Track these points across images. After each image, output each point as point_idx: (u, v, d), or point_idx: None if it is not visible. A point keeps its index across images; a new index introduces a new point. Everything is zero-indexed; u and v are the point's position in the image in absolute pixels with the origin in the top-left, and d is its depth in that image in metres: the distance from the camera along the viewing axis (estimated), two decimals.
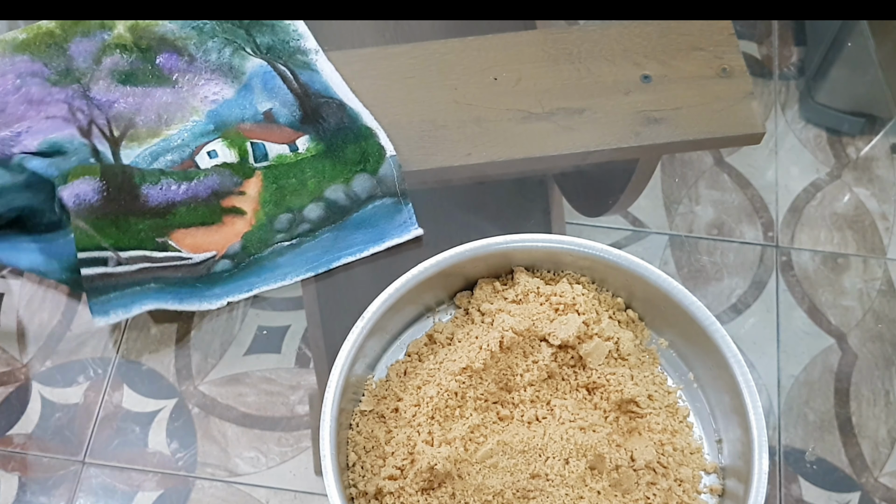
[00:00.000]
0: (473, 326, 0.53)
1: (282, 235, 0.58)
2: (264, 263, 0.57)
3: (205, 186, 0.58)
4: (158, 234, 0.56)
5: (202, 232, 0.57)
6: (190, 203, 0.57)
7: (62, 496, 0.56)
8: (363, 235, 0.58)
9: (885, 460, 0.59)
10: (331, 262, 0.58)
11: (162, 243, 0.56)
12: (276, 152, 0.59)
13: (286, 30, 0.64)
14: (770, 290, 0.65)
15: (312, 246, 0.58)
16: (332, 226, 0.58)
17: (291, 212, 0.58)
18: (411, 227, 0.58)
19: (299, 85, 0.61)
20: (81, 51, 0.62)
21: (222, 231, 0.57)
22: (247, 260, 0.57)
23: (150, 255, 0.56)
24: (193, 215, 0.57)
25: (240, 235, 0.57)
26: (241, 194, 0.58)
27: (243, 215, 0.58)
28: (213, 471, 0.56)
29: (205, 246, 0.57)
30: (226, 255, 0.57)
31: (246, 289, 0.57)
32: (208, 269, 0.56)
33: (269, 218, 0.58)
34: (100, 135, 0.60)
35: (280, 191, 0.59)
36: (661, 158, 0.71)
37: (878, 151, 0.73)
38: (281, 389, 0.59)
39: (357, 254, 0.58)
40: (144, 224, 0.56)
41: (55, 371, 0.59)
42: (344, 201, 0.58)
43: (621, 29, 0.65)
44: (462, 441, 0.48)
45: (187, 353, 0.60)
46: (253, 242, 0.57)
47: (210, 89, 0.62)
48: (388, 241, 0.58)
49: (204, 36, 0.63)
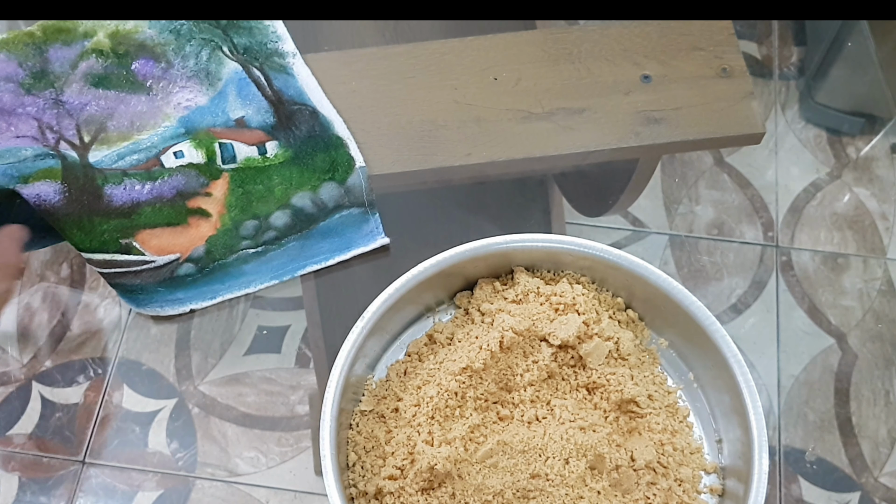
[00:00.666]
0: (473, 326, 0.53)
1: (247, 242, 0.57)
2: (229, 270, 0.57)
3: (169, 186, 0.57)
4: (123, 235, 0.56)
5: (167, 233, 0.57)
6: (155, 203, 0.57)
7: (62, 496, 0.56)
8: (329, 244, 0.58)
9: (885, 460, 0.59)
10: (296, 269, 0.58)
11: (126, 245, 0.56)
12: (245, 154, 0.59)
13: (264, 31, 0.64)
14: (770, 290, 0.65)
15: (278, 254, 0.58)
16: (299, 234, 0.58)
17: (258, 218, 0.58)
18: (378, 235, 0.58)
19: (273, 91, 0.61)
20: (59, 56, 0.62)
21: (187, 233, 0.57)
22: (211, 265, 0.57)
23: (113, 258, 0.55)
24: (159, 215, 0.57)
25: (204, 239, 0.57)
26: (208, 195, 0.58)
27: (208, 217, 0.58)
28: (213, 471, 0.56)
29: (169, 248, 0.56)
30: (189, 259, 0.56)
31: (210, 296, 0.57)
32: (171, 272, 0.56)
33: (235, 223, 0.58)
34: (68, 147, 0.59)
35: (246, 196, 0.58)
36: (661, 158, 0.71)
37: (878, 151, 0.73)
38: (281, 389, 0.59)
39: (322, 262, 0.58)
40: (109, 224, 0.56)
41: (55, 371, 0.59)
42: (311, 209, 0.58)
43: (621, 29, 0.65)
44: (462, 441, 0.48)
45: (187, 353, 0.60)
46: (217, 247, 0.57)
47: (184, 96, 0.62)
48: (354, 249, 0.58)
49: (182, 39, 0.63)
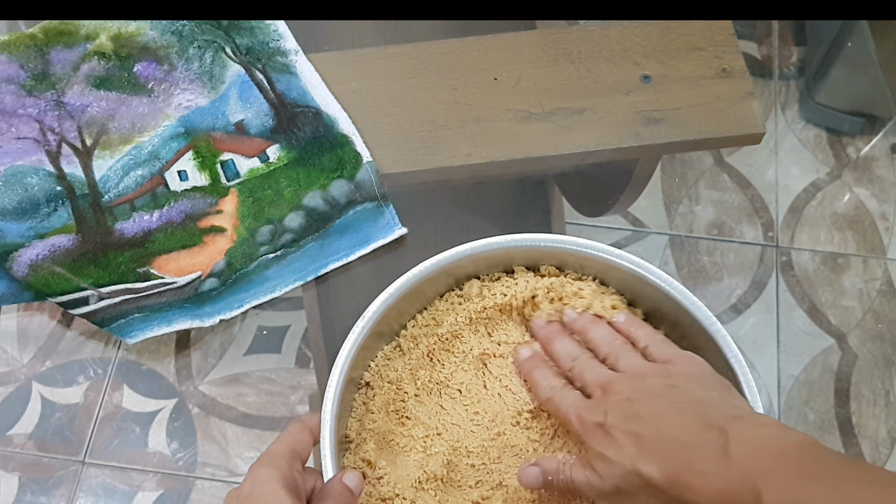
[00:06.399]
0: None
1: (266, 248, 0.57)
2: (252, 278, 0.57)
3: (178, 211, 0.58)
4: (139, 264, 0.56)
5: (184, 255, 0.57)
6: (166, 229, 0.58)
7: (62, 496, 0.56)
8: (348, 240, 0.58)
9: (885, 460, 0.59)
10: (318, 269, 0.58)
11: (144, 273, 0.56)
12: (248, 167, 0.59)
13: (266, 30, 0.64)
14: (770, 290, 0.65)
15: (298, 256, 0.58)
16: (316, 234, 0.58)
17: (272, 223, 0.58)
18: (395, 227, 0.58)
19: (276, 94, 0.61)
20: (61, 58, 0.62)
21: (205, 251, 0.57)
22: (233, 276, 0.57)
23: (133, 286, 0.56)
24: (172, 240, 0.57)
25: (223, 252, 0.57)
26: (219, 213, 0.58)
27: (223, 232, 0.58)
28: (213, 471, 0.56)
29: (189, 268, 0.57)
30: (211, 274, 0.57)
31: (237, 305, 0.57)
32: (195, 289, 0.56)
33: (250, 231, 0.58)
34: (70, 152, 0.60)
35: (257, 203, 0.58)
36: (661, 158, 0.71)
37: (878, 151, 0.73)
38: (281, 389, 0.59)
39: (344, 258, 0.58)
40: (124, 256, 0.56)
41: (55, 371, 0.59)
42: (323, 208, 0.58)
43: (621, 29, 0.65)
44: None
45: (187, 353, 0.60)
46: (237, 258, 0.57)
47: (185, 97, 0.62)
48: (373, 243, 0.58)
49: (184, 41, 0.63)
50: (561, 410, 0.45)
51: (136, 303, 0.56)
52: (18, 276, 0.55)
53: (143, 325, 0.56)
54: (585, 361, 0.46)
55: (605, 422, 0.42)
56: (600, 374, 0.45)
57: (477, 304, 0.51)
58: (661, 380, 0.43)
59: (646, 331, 0.48)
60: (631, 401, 0.42)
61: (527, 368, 0.49)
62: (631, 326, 0.48)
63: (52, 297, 0.55)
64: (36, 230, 0.57)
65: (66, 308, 0.55)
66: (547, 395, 0.47)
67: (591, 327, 0.48)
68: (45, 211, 0.58)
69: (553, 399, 0.46)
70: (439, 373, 0.51)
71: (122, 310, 0.56)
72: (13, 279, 0.56)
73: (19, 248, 0.56)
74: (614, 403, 0.43)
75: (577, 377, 0.46)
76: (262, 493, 0.39)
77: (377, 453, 0.47)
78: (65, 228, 0.57)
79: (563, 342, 0.48)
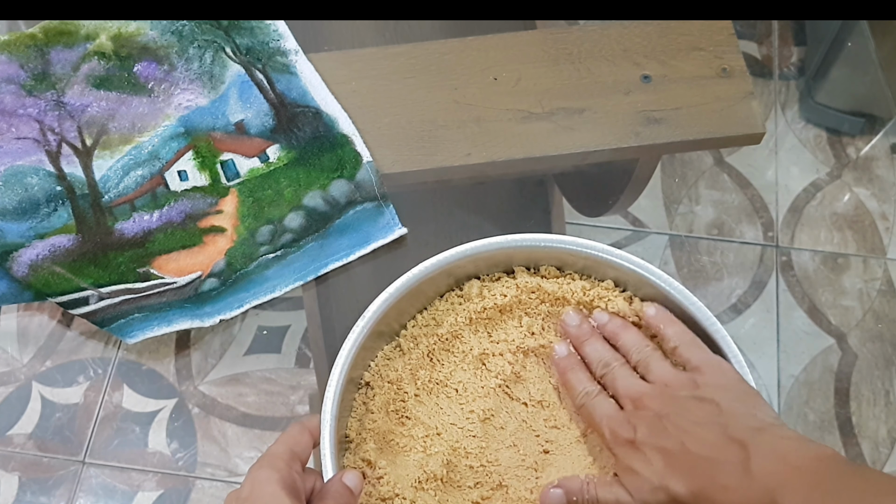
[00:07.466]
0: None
1: (266, 248, 0.57)
2: (252, 278, 0.57)
3: (177, 211, 0.58)
4: (139, 264, 0.56)
5: (184, 255, 0.57)
6: (166, 229, 0.58)
7: (62, 496, 0.56)
8: (348, 240, 0.58)
9: (885, 460, 0.59)
10: (318, 269, 0.58)
11: (144, 273, 0.56)
12: (248, 167, 0.59)
13: (266, 30, 0.64)
14: (770, 290, 0.65)
15: (298, 256, 0.58)
16: (316, 234, 0.58)
17: (272, 223, 0.58)
18: (395, 227, 0.58)
19: (276, 94, 0.61)
20: (61, 59, 0.62)
21: (205, 251, 0.57)
22: (233, 276, 0.57)
23: (132, 286, 0.56)
24: (172, 240, 0.57)
25: (223, 252, 0.57)
26: (219, 213, 0.58)
27: (223, 232, 0.58)
28: (213, 471, 0.56)
29: (189, 268, 0.57)
30: (211, 274, 0.57)
31: (237, 305, 0.57)
32: (195, 289, 0.56)
33: (250, 231, 0.58)
34: (70, 152, 0.60)
35: (257, 203, 0.58)
36: (661, 158, 0.71)
37: (878, 151, 0.73)
38: (281, 389, 0.59)
39: (344, 258, 0.58)
40: (124, 257, 0.57)
41: (55, 371, 0.59)
42: (323, 208, 0.58)
43: (621, 29, 0.65)
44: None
45: (187, 353, 0.60)
46: (237, 258, 0.57)
47: (185, 97, 0.62)
48: (373, 243, 0.58)
49: (184, 41, 0.63)
50: (594, 420, 0.46)
51: (136, 303, 0.56)
52: (18, 276, 0.55)
53: (143, 325, 0.56)
54: (617, 370, 0.47)
55: (636, 438, 0.43)
56: (632, 385, 0.46)
57: (477, 305, 0.51)
58: (689, 391, 0.44)
59: (676, 328, 0.48)
60: (659, 416, 0.43)
61: (562, 367, 0.50)
62: (661, 322, 0.49)
63: (52, 297, 0.55)
64: (36, 230, 0.57)
65: (66, 308, 0.55)
66: (581, 401, 0.48)
67: (621, 332, 0.49)
68: (45, 211, 0.58)
69: (587, 406, 0.47)
70: (439, 373, 0.51)
71: (122, 310, 0.56)
72: (13, 279, 0.56)
73: (19, 248, 0.56)
74: (644, 419, 0.44)
75: (609, 385, 0.47)
76: (262, 494, 0.39)
77: (377, 453, 0.47)
78: (65, 228, 0.57)
79: (595, 346, 0.49)
